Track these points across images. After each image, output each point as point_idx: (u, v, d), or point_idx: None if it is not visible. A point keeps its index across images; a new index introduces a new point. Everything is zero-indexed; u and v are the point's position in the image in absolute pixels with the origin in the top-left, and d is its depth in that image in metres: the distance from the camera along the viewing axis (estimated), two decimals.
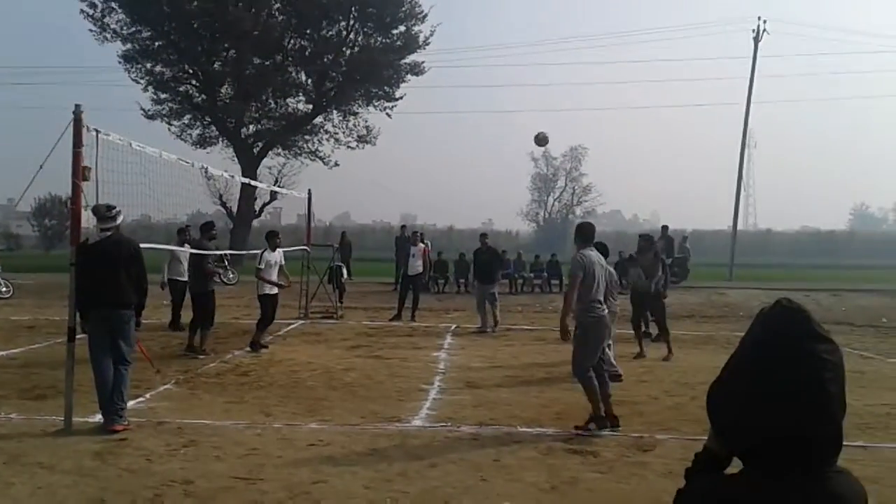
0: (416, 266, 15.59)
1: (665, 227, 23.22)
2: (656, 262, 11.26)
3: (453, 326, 14.50)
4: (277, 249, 11.15)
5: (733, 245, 32.70)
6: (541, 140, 13.93)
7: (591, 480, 5.35)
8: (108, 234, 6.69)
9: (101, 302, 6.58)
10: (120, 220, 6.85)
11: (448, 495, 4.96)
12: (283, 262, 11.34)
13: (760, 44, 32.33)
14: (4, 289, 18.71)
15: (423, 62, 34.42)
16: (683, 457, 5.81)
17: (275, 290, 11.04)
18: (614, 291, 7.46)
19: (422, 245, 16.11)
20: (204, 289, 10.82)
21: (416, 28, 33.38)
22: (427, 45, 33.67)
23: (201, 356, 10.20)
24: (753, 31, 32.45)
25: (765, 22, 32.33)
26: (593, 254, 7.07)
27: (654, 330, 12.47)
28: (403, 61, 33.90)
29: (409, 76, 34.48)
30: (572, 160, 76.12)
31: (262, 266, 10.90)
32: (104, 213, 6.66)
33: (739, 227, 36.86)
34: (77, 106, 6.57)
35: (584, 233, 7.22)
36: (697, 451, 1.74)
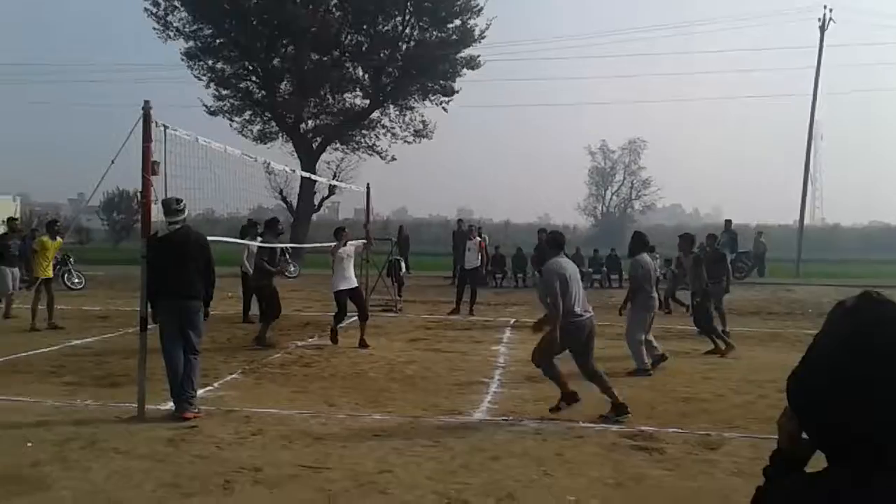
0: (474, 260, 15.60)
1: (728, 222, 22.79)
2: (697, 264, 10.95)
3: (512, 321, 14.46)
4: (349, 243, 11.26)
5: (800, 240, 31.79)
6: None
7: (657, 477, 5.28)
8: (177, 226, 6.86)
9: (170, 293, 6.75)
10: (187, 213, 7.03)
11: (511, 488, 4.96)
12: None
13: (827, 32, 31.33)
14: (77, 280, 19.39)
15: (478, 56, 34.34)
16: (753, 456, 5.71)
17: (353, 285, 11.09)
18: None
19: (479, 239, 16.11)
20: (259, 282, 11.06)
21: (471, 22, 33.31)
22: (483, 38, 33.58)
23: (268, 347, 10.41)
24: (819, 19, 31.46)
25: (831, 10, 31.30)
26: (565, 261, 7.22)
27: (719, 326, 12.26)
28: (459, 55, 33.89)
29: (464, 70, 34.45)
30: (631, 153, 74.99)
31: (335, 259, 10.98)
32: (173, 207, 6.83)
33: (806, 221, 35.84)
34: (146, 102, 6.72)
35: (556, 241, 7.48)
36: (774, 449, 1.69)
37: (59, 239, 12.81)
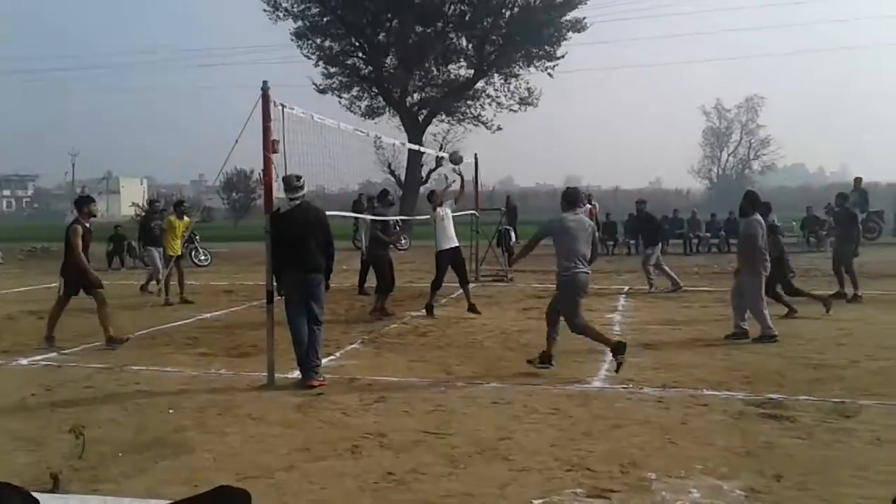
0: None
1: (858, 180, 21.39)
2: (772, 231, 10.23)
3: (626, 288, 14.21)
4: (444, 203, 11.42)
5: None
6: (455, 159, 13.11)
7: (789, 446, 5.09)
8: (297, 202, 7.08)
9: (294, 266, 7.00)
10: (306, 189, 7.25)
11: (635, 456, 4.90)
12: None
13: None
14: (203, 257, 20.47)
15: (584, 18, 33.49)
16: (891, 423, 5.44)
17: (455, 244, 11.21)
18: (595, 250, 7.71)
19: (589, 206, 15.87)
20: (376, 252, 11.31)
21: None
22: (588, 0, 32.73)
23: (384, 318, 10.68)
24: None
25: None
26: (573, 217, 7.52)
27: (849, 290, 11.71)
28: (564, 18, 33.16)
29: (570, 33, 33.69)
30: (748, 111, 71.73)
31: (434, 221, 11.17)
32: (293, 184, 7.04)
33: None
34: (264, 82, 6.92)
35: (567, 197, 7.79)
36: None
37: (186, 218, 13.50)
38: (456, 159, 13.18)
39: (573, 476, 4.57)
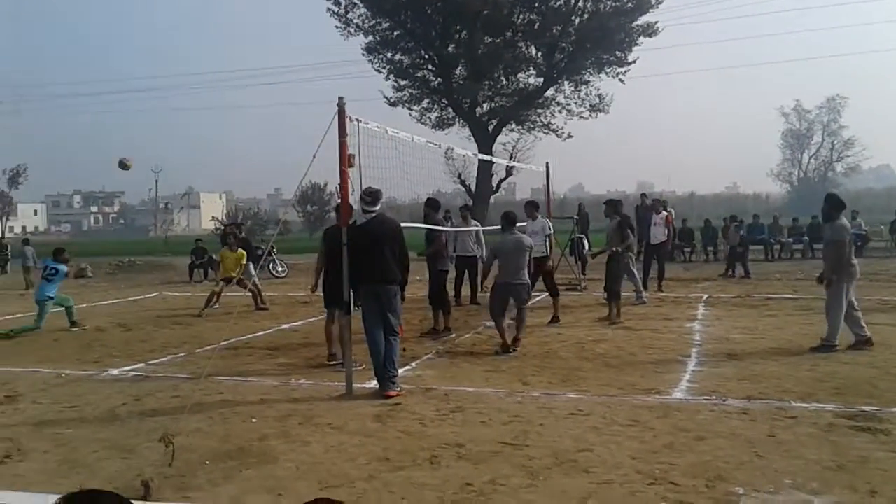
0: (660, 235, 15.10)
1: None
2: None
3: (705, 296, 13.87)
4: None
5: None
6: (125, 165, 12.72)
7: (883, 460, 4.86)
8: (373, 215, 7.18)
9: (370, 278, 7.10)
10: (382, 202, 7.34)
11: (720, 469, 4.77)
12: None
13: None
14: (281, 269, 20.96)
15: (656, 22, 33.05)
16: None
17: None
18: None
19: (665, 213, 15.56)
20: (430, 268, 11.03)
21: None
22: (660, 3, 32.26)
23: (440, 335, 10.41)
24: None
25: None
26: (511, 237, 9.19)
27: None
28: (635, 23, 32.74)
29: (641, 38, 33.27)
30: (830, 112, 69.21)
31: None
32: (372, 198, 7.15)
33: None
34: (340, 98, 7.07)
35: (507, 218, 9.42)
36: None
37: (239, 250, 13.98)
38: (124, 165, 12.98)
39: (656, 490, 4.47)
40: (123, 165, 12.55)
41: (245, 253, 14.22)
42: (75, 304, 12.55)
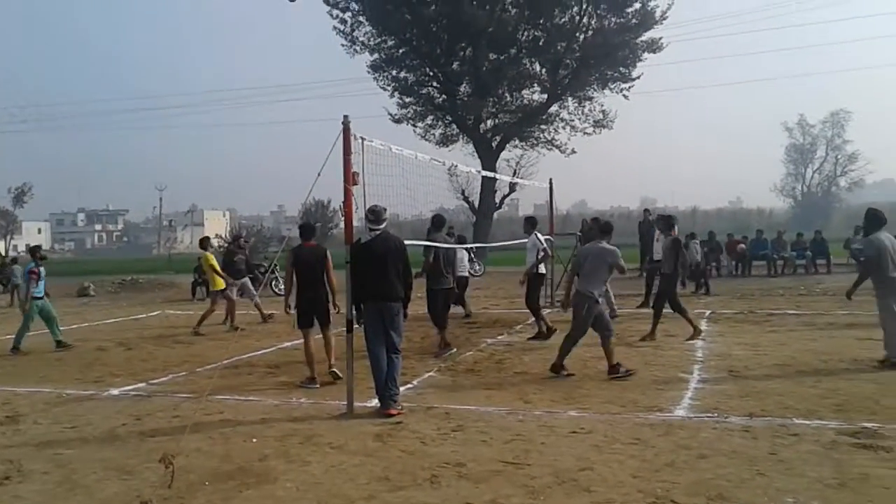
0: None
1: None
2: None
3: (707, 312, 13.83)
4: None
5: None
6: None
7: (885, 478, 4.83)
8: (378, 232, 7.18)
9: (373, 296, 7.09)
10: (388, 220, 7.34)
11: (722, 488, 4.73)
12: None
13: None
14: (282, 286, 20.92)
15: (660, 38, 33.22)
16: None
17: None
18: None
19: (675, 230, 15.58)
20: (428, 287, 10.94)
21: (651, 3, 32.27)
22: (664, 19, 32.43)
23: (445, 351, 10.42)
24: None
25: None
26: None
27: None
28: (639, 39, 32.90)
29: (645, 54, 33.41)
30: (833, 126, 69.30)
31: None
32: (378, 216, 7.17)
33: None
34: (345, 116, 7.06)
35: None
36: None
37: (206, 253, 13.94)
38: None
39: None
40: None
41: (211, 257, 14.01)
42: (77, 324, 12.56)
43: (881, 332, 8.55)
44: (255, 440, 6.23)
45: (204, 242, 14.59)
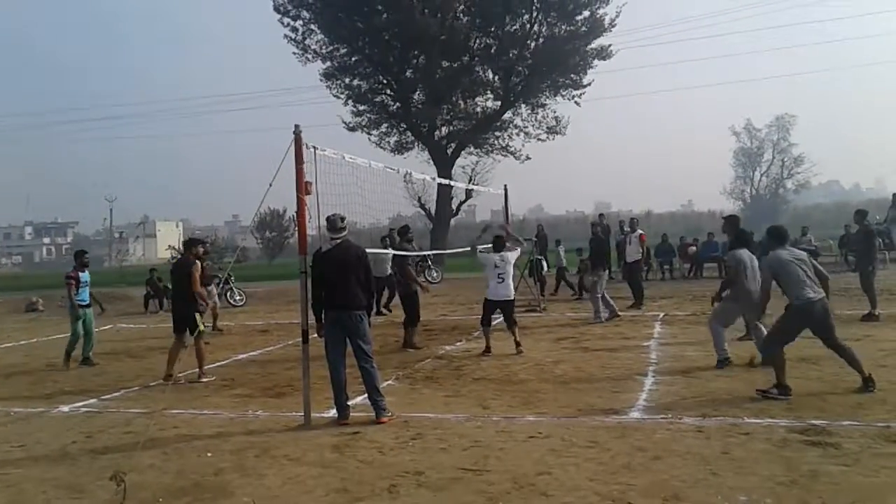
0: (634, 253, 15.39)
1: None
2: None
3: (661, 315, 14.05)
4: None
5: None
6: None
7: (834, 474, 4.96)
8: (338, 241, 7.07)
9: (334, 305, 6.98)
10: (348, 229, 7.26)
11: (677, 488, 4.81)
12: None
13: None
14: (239, 297, 20.69)
15: (609, 45, 33.75)
16: None
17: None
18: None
19: (640, 232, 15.86)
20: (408, 290, 11.32)
21: (600, 11, 32.78)
22: (613, 27, 32.98)
23: (417, 349, 10.74)
24: None
25: None
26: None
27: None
28: (589, 47, 33.38)
29: (595, 61, 33.93)
30: (779, 130, 71.08)
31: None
32: (338, 225, 7.06)
33: None
34: (296, 126, 7.03)
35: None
36: None
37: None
38: None
39: None
40: None
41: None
42: (25, 339, 12.23)
43: None
44: (210, 454, 6.14)
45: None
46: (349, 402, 7.14)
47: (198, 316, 9.54)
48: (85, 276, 11.48)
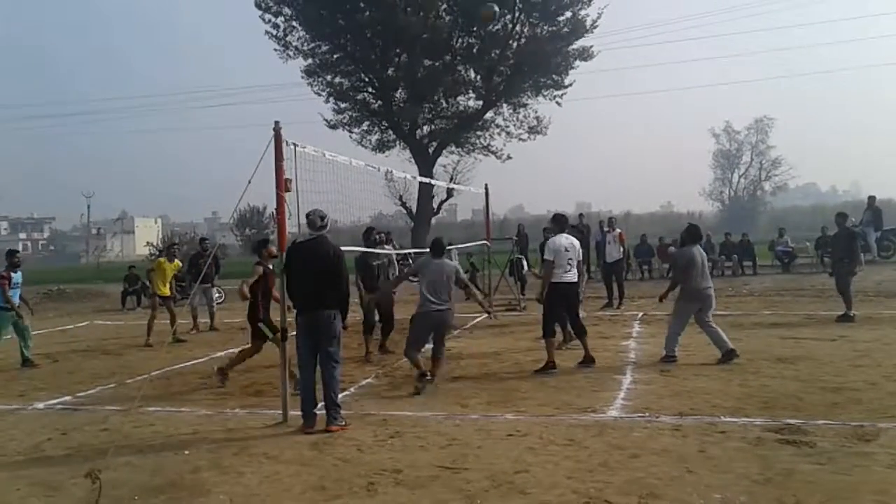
0: (615, 253, 15.42)
1: (872, 198, 21.38)
2: None
3: (640, 314, 14.14)
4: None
5: None
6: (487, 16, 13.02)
7: (808, 472, 5.02)
8: (314, 237, 6.87)
9: (303, 305, 6.77)
10: (329, 227, 7.12)
11: (653, 486, 4.85)
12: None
13: None
14: (218, 295, 20.51)
15: (591, 46, 33.85)
16: None
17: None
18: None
19: (618, 230, 15.89)
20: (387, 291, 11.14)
21: (582, 12, 32.87)
22: (595, 28, 33.06)
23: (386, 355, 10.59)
24: None
25: None
26: (436, 260, 8.48)
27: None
28: (571, 47, 33.47)
29: (577, 62, 34.00)
30: (758, 132, 71.84)
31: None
32: (318, 223, 6.89)
33: None
34: (276, 122, 6.95)
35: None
36: None
37: (176, 261, 13.69)
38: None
39: None
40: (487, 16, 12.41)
41: (181, 264, 14.13)
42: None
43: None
44: (186, 452, 6.10)
45: (171, 250, 14.44)
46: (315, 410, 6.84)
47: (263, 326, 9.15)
48: (17, 276, 11.32)
